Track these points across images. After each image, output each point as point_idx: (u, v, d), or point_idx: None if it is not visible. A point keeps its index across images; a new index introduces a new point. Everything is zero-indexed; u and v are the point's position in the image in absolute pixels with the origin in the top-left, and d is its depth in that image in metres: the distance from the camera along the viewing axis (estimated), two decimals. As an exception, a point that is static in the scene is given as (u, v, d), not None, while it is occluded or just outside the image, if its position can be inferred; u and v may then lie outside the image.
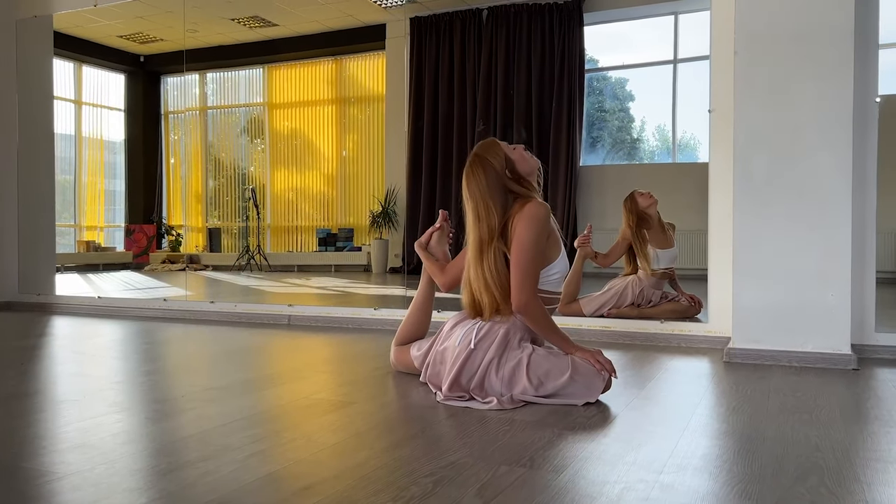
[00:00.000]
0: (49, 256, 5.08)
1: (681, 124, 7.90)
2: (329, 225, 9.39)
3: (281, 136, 9.68)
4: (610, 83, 8.36)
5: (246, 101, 9.87)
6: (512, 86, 8.09)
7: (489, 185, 2.09)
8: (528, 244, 2.03)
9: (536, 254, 2.04)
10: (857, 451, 1.57)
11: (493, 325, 2.09)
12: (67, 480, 1.37)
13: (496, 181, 2.09)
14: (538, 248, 2.04)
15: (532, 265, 2.04)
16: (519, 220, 2.05)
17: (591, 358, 2.03)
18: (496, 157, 2.12)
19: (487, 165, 2.11)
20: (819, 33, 2.70)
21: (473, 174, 2.12)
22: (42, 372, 2.55)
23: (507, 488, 1.33)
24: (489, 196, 2.09)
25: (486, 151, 2.14)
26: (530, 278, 2.03)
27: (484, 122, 8.19)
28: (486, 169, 2.10)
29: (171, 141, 10.09)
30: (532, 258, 2.03)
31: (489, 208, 2.09)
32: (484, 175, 2.10)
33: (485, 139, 2.18)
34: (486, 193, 2.09)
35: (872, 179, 2.88)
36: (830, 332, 2.67)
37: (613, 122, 8.35)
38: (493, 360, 2.03)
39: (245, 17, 8.27)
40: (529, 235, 2.03)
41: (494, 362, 2.02)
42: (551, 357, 2.03)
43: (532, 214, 2.04)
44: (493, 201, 2.09)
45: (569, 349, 2.07)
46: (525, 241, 2.03)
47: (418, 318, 2.52)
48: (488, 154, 2.13)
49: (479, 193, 2.10)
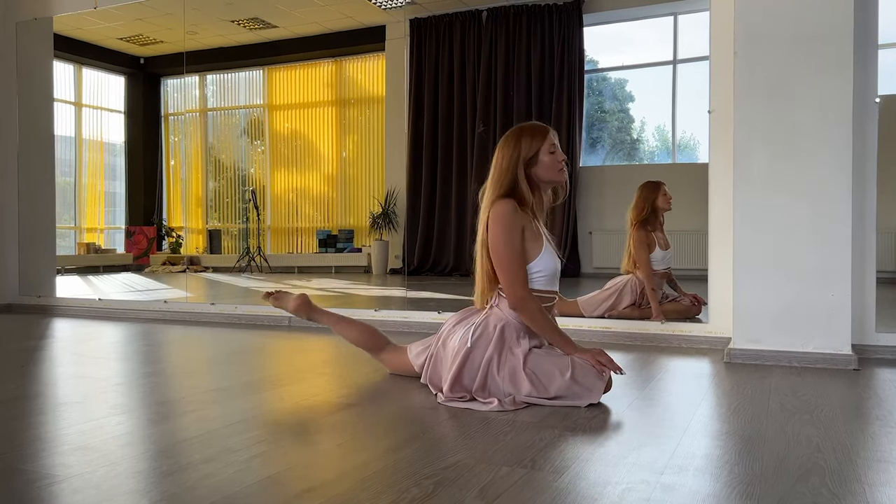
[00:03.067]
0: (49, 258, 5.08)
1: (680, 125, 7.90)
2: (329, 226, 9.39)
3: (281, 137, 9.69)
4: (609, 84, 8.37)
5: (246, 103, 9.88)
6: (512, 87, 8.09)
7: (506, 161, 2.10)
8: (498, 243, 2.04)
9: (511, 250, 2.04)
10: (859, 452, 1.57)
11: (488, 324, 2.09)
12: (68, 483, 1.37)
13: (511, 164, 2.09)
14: (511, 245, 2.04)
15: (512, 262, 2.04)
16: (490, 224, 2.07)
17: (591, 359, 2.02)
18: (528, 144, 2.10)
19: (517, 144, 2.10)
20: (818, 34, 2.70)
21: (505, 144, 2.13)
22: (43, 374, 2.55)
23: (509, 489, 1.33)
24: (501, 171, 2.10)
25: (527, 132, 2.13)
26: (515, 276, 2.03)
27: (484, 124, 8.19)
28: (513, 146, 2.10)
29: (171, 143, 10.09)
30: (509, 255, 2.03)
31: (498, 182, 2.09)
32: (509, 150, 2.10)
33: (538, 126, 2.14)
34: (500, 168, 2.10)
35: (872, 179, 2.88)
36: (831, 333, 2.67)
37: (613, 123, 8.35)
38: (492, 358, 2.03)
39: (245, 19, 8.27)
40: (496, 234, 2.04)
41: (494, 361, 2.02)
42: (551, 357, 2.03)
43: (495, 214, 2.05)
44: (500, 179, 2.09)
45: (569, 350, 2.06)
46: (495, 242, 2.05)
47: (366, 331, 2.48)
48: (526, 135, 2.12)
49: (497, 163, 2.12)
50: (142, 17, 7.76)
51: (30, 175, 4.99)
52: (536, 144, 2.10)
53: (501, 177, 2.10)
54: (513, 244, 2.04)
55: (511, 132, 2.14)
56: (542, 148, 2.10)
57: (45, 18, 4.95)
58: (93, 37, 8.56)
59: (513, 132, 2.14)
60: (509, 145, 2.11)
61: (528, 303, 2.04)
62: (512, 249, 2.04)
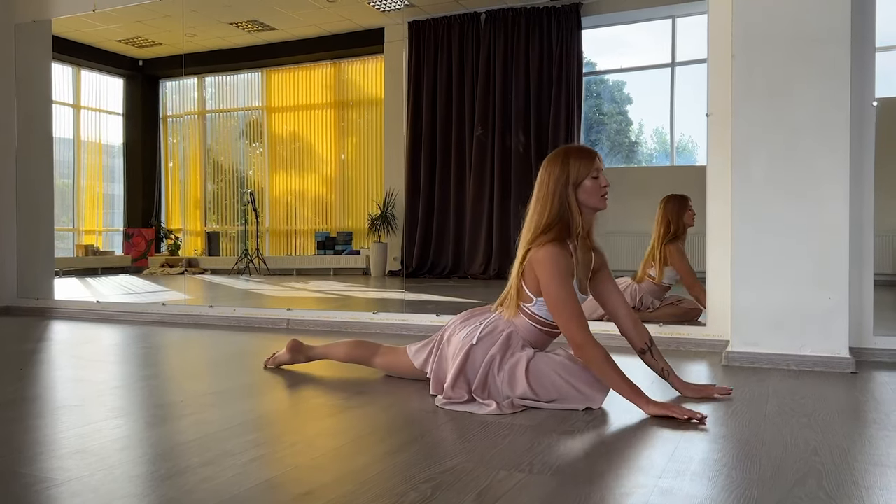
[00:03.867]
0: (47, 260, 5.08)
1: (679, 127, 7.91)
2: (328, 228, 9.39)
3: (279, 139, 9.69)
4: (608, 86, 8.38)
5: (244, 105, 9.88)
6: (510, 89, 8.10)
7: (552, 184, 2.05)
8: (551, 290, 1.97)
9: (565, 294, 1.96)
10: (856, 455, 1.58)
11: (497, 326, 2.09)
12: (66, 486, 1.37)
13: (559, 186, 2.04)
14: (565, 289, 1.97)
15: (566, 306, 1.96)
16: (536, 266, 2.01)
17: (670, 413, 1.87)
18: (577, 166, 2.04)
19: (564, 166, 2.05)
20: (816, 37, 2.71)
21: (551, 165, 2.07)
22: (41, 377, 2.55)
23: (507, 493, 1.33)
24: (547, 193, 2.05)
25: (574, 154, 2.08)
26: (569, 319, 1.96)
27: (482, 126, 8.20)
28: (560, 168, 2.05)
29: (169, 145, 10.09)
30: (563, 300, 1.96)
31: (544, 204, 2.05)
32: (556, 172, 2.05)
33: (585, 149, 2.09)
34: (545, 190, 2.06)
35: (870, 182, 2.88)
36: (829, 336, 2.68)
37: (611, 126, 8.36)
38: (494, 357, 2.03)
39: (243, 21, 8.28)
40: (549, 281, 1.97)
41: (497, 360, 2.03)
42: (552, 361, 2.03)
43: (544, 259, 1.98)
44: (546, 202, 2.05)
45: (640, 402, 1.92)
46: (548, 288, 1.98)
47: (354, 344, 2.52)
48: (573, 156, 2.07)
49: (541, 185, 2.07)
50: (140, 19, 7.76)
51: (28, 177, 4.99)
52: (585, 168, 2.04)
53: (547, 199, 2.05)
54: (566, 289, 1.97)
55: (557, 153, 2.08)
56: (591, 172, 2.04)
57: (44, 21, 4.96)
58: (91, 39, 8.56)
59: (559, 153, 2.08)
60: (555, 166, 2.05)
61: (590, 350, 1.95)
62: (566, 294, 1.97)
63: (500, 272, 8.01)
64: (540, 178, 2.09)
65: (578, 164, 2.05)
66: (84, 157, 9.18)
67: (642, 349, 2.17)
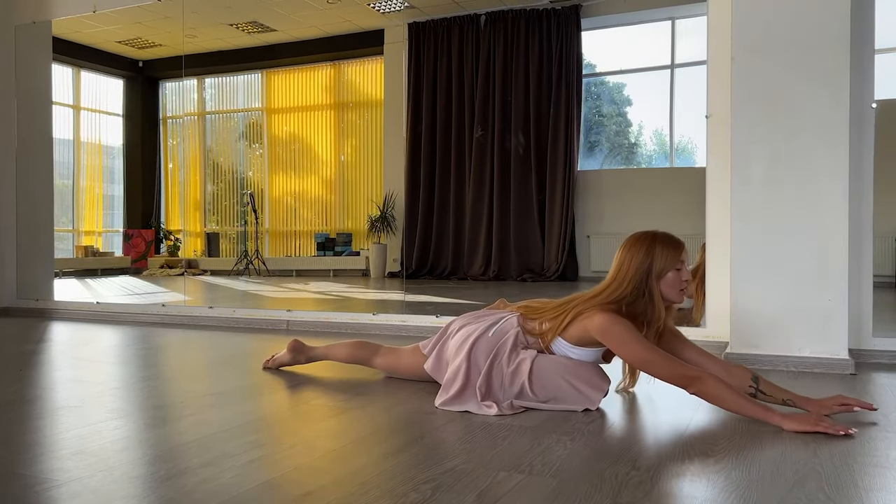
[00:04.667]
0: (47, 261, 5.08)
1: (678, 129, 7.92)
2: (327, 229, 9.39)
3: (279, 140, 9.69)
4: (607, 88, 8.39)
5: (244, 106, 9.88)
6: (510, 91, 8.10)
7: (633, 269, 1.96)
8: (631, 353, 1.91)
9: (642, 350, 1.89)
10: (855, 457, 1.58)
11: (506, 327, 2.10)
12: (66, 487, 1.37)
13: (640, 273, 1.96)
14: (640, 345, 1.89)
15: (654, 356, 1.88)
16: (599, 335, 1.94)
17: (816, 428, 1.75)
18: (662, 256, 1.96)
19: (648, 252, 1.96)
20: (816, 39, 2.71)
21: (636, 248, 1.98)
22: (40, 378, 2.55)
23: (506, 494, 1.33)
24: (625, 275, 1.97)
25: (661, 241, 1.98)
26: (665, 366, 1.88)
27: (482, 128, 8.20)
28: (645, 254, 1.96)
29: (169, 146, 10.10)
30: (647, 354, 1.89)
31: (619, 285, 1.97)
32: (639, 256, 1.96)
33: (674, 239, 2.00)
34: (624, 271, 1.97)
35: (869, 184, 2.88)
36: (828, 337, 2.68)
37: (611, 127, 8.37)
38: (499, 355, 2.04)
39: (243, 23, 8.28)
40: (620, 346, 1.92)
41: (503, 358, 2.03)
42: (554, 363, 2.04)
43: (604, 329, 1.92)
44: (623, 282, 1.96)
45: (773, 419, 1.80)
46: (627, 354, 1.93)
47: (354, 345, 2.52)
48: (660, 244, 1.98)
49: (620, 265, 1.98)
50: (140, 20, 7.76)
51: (28, 178, 4.99)
52: (671, 260, 1.96)
53: (623, 282, 1.96)
54: (643, 345, 1.90)
55: (643, 237, 1.99)
56: (676, 265, 1.97)
57: (44, 22, 4.96)
58: (91, 40, 8.57)
59: (645, 238, 1.99)
60: (639, 252, 1.97)
61: (701, 383, 1.84)
62: (648, 352, 1.89)
63: (500, 273, 8.02)
64: (620, 259, 2.00)
65: (664, 254, 1.96)
66: (84, 158, 9.18)
67: (750, 393, 1.96)
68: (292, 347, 2.62)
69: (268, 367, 2.65)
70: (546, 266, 7.90)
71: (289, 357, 2.61)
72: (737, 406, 1.83)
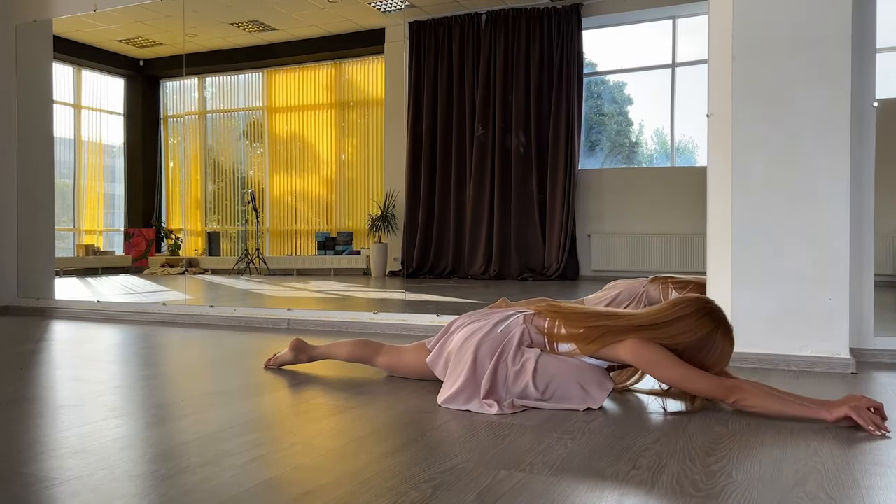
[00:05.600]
0: (48, 260, 5.08)
1: (679, 128, 7.91)
2: (328, 228, 9.39)
3: (280, 139, 9.70)
4: (608, 87, 8.38)
5: (245, 105, 9.89)
6: (511, 90, 8.10)
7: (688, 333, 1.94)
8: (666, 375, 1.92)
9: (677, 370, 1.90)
10: (856, 456, 1.58)
11: (511, 325, 2.10)
12: (66, 486, 1.37)
13: (687, 339, 1.94)
14: (674, 366, 1.90)
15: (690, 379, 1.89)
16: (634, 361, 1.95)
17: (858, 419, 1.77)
18: (715, 351, 1.94)
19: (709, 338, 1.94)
20: (817, 38, 2.71)
21: (701, 315, 1.96)
22: (41, 377, 2.55)
23: (507, 493, 1.33)
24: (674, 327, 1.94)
25: (723, 335, 1.96)
26: (702, 382, 1.88)
27: (483, 127, 8.20)
28: (707, 336, 1.94)
29: (170, 145, 10.10)
30: (682, 375, 1.89)
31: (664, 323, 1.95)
32: (702, 333, 1.94)
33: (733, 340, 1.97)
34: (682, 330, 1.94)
35: (870, 183, 2.88)
36: (829, 336, 2.68)
37: (612, 126, 8.36)
38: (504, 353, 2.04)
39: (244, 22, 8.28)
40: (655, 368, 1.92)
41: (508, 357, 2.03)
42: (558, 362, 2.03)
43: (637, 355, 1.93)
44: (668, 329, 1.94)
45: (819, 415, 1.81)
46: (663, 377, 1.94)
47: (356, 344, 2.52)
48: (721, 337, 1.95)
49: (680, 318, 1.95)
50: (141, 19, 7.77)
51: (29, 177, 4.99)
52: (721, 359, 1.96)
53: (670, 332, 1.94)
54: (677, 364, 1.90)
55: (714, 317, 1.96)
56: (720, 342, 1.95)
57: (45, 21, 4.96)
58: (92, 39, 8.57)
59: (716, 321, 1.96)
60: (703, 327, 1.94)
61: (738, 391, 1.86)
62: (682, 371, 1.89)
63: (500, 272, 8.02)
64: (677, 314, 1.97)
65: (718, 351, 1.95)
66: (84, 157, 9.19)
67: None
68: (294, 346, 2.62)
69: (269, 367, 2.65)
70: (547, 265, 7.90)
71: (291, 356, 2.61)
72: (782, 407, 1.84)
